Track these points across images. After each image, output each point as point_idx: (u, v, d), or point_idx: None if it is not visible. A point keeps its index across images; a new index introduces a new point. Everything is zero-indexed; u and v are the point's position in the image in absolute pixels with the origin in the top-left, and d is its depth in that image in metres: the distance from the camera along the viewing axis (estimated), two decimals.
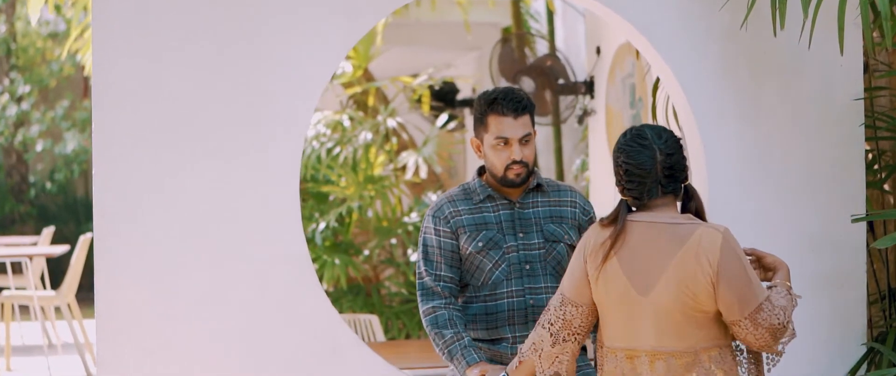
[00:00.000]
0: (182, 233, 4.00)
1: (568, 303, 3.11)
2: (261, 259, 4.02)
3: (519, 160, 3.53)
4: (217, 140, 4.00)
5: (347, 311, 7.38)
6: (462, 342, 3.54)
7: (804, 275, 4.08)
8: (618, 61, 6.54)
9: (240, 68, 4.01)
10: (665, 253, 2.98)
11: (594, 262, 3.07)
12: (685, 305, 2.97)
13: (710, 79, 4.24)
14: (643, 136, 3.04)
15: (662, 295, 2.97)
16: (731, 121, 4.27)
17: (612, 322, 3.07)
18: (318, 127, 7.78)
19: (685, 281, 2.95)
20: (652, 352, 3.00)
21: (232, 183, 4.01)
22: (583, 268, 3.12)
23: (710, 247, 2.94)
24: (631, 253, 3.01)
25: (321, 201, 7.76)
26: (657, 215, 3.03)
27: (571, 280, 3.14)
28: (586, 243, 3.14)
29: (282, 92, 4.03)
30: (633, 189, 3.05)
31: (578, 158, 8.20)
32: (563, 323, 3.10)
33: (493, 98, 3.55)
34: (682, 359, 2.97)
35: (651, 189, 3.02)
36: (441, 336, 3.58)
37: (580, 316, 3.10)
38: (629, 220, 3.03)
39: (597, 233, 3.11)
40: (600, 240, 3.08)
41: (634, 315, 3.02)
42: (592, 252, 3.09)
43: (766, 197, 4.28)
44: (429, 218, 3.70)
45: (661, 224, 3.00)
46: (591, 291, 3.09)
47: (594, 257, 3.07)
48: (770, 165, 4.30)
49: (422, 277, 3.68)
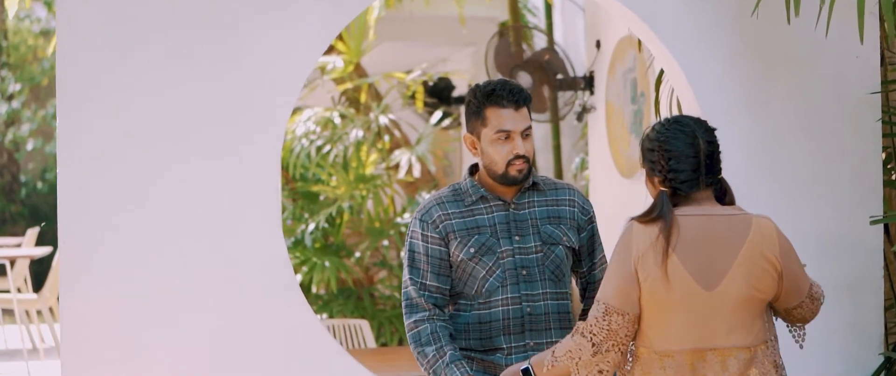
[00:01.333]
0: (152, 236, 3.89)
1: (613, 313, 3.01)
2: (237, 263, 3.91)
3: (522, 155, 3.40)
4: (190, 138, 3.89)
5: (338, 316, 7.32)
6: (444, 359, 3.40)
7: (818, 280, 3.86)
8: (618, 55, 6.39)
9: (214, 61, 3.91)
10: (729, 245, 2.97)
11: (648, 264, 2.99)
12: (752, 297, 3.01)
13: (718, 70, 4.19)
14: (684, 122, 3.06)
15: (732, 289, 2.97)
16: (740, 115, 4.21)
17: (671, 324, 3.01)
18: (308, 124, 7.69)
19: (754, 271, 2.98)
20: (723, 350, 2.99)
21: (206, 183, 3.90)
22: (631, 273, 3.01)
23: (770, 235, 3.01)
24: (690, 248, 2.97)
25: (311, 201, 7.71)
26: (707, 208, 3.02)
27: (616, 287, 3.03)
28: (630, 245, 3.03)
29: (259, 86, 3.92)
30: (682, 173, 3.01)
31: (578, 156, 8.16)
32: (607, 333, 3.02)
33: (492, 89, 3.42)
34: (747, 354, 3.00)
35: (695, 179, 3.02)
36: (424, 354, 3.45)
37: (626, 325, 3.02)
38: (678, 216, 2.99)
39: (642, 232, 3.02)
40: (650, 239, 3.00)
41: (701, 313, 2.99)
42: (643, 254, 3.00)
43: (776, 196, 4.22)
44: (415, 222, 3.54)
45: (716, 216, 3.00)
46: (641, 296, 3.00)
47: (647, 259, 2.99)
48: (780, 163, 4.24)
49: (405, 287, 3.53)
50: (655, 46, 4.28)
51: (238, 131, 3.92)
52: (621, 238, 3.07)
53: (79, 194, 3.86)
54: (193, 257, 3.89)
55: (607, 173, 6.49)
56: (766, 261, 3.00)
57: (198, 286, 3.90)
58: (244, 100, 3.92)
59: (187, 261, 3.89)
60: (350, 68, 8.03)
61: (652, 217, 3.02)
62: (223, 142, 3.91)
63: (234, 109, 3.92)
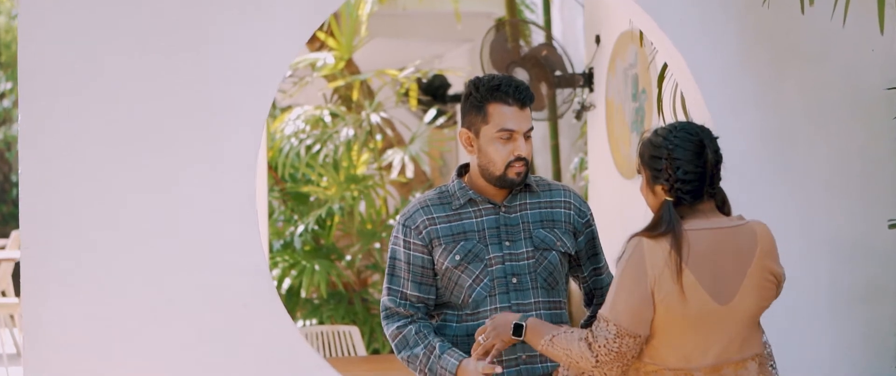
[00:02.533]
0: (120, 241, 3.72)
1: (625, 335, 2.97)
2: (212, 271, 3.75)
3: (523, 157, 3.29)
4: (160, 137, 3.73)
5: (328, 322, 7.28)
6: (435, 353, 3.29)
7: (830, 288, 4.06)
8: (619, 50, 6.28)
9: (186, 55, 3.75)
10: (740, 259, 3.00)
11: (665, 283, 2.96)
12: (761, 309, 3.07)
13: (725, 64, 4.09)
14: (692, 130, 3.05)
15: (745, 303, 3.01)
16: (748, 112, 4.11)
17: (686, 340, 3.01)
18: (298, 122, 7.62)
19: (762, 284, 3.03)
20: (738, 362, 3.03)
21: (178, 185, 3.75)
22: (647, 294, 2.97)
23: (772, 245, 3.07)
24: (702, 262, 2.97)
25: (301, 202, 7.67)
26: (713, 220, 3.03)
27: (630, 308, 2.98)
28: (644, 264, 2.98)
29: (234, 81, 3.77)
30: (689, 182, 3.01)
31: (577, 156, 8.08)
32: (615, 356, 2.99)
33: (497, 84, 3.28)
34: (756, 362, 3.07)
35: (700, 189, 3.03)
36: (414, 357, 3.33)
37: (635, 347, 2.99)
38: (687, 230, 2.98)
39: (654, 249, 2.98)
40: (664, 256, 2.97)
41: (716, 328, 3.01)
42: (661, 273, 2.96)
43: (787, 198, 4.13)
44: (398, 227, 3.40)
45: (725, 228, 3.02)
46: (655, 316, 2.98)
47: (664, 278, 2.96)
48: (791, 163, 4.14)
49: (384, 296, 3.42)
50: (659, 39, 4.17)
51: (212, 129, 3.77)
52: (631, 255, 2.99)
53: (42, 196, 3.70)
54: (164, 264, 3.75)
55: (607, 174, 6.43)
56: (771, 273, 3.05)
57: (169, 295, 3.75)
58: (218, 97, 3.77)
59: (157, 268, 3.74)
60: (341, 65, 7.93)
61: (661, 231, 2.98)
62: (196, 141, 3.76)
63: (207, 106, 3.77)
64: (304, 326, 7.37)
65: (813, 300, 4.08)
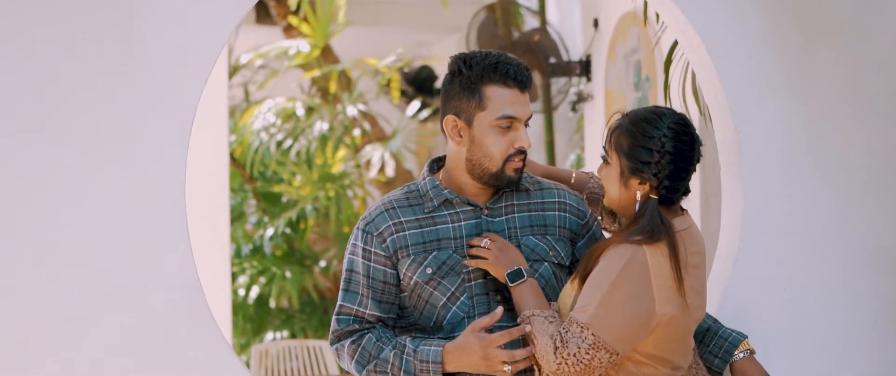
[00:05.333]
0: (27, 252, 3.40)
1: (601, 349, 2.87)
2: (134, 286, 3.41)
3: (524, 149, 3.05)
4: (74, 129, 3.41)
5: (300, 335, 7.17)
6: (408, 349, 3.00)
7: (865, 302, 3.79)
8: (619, 35, 6.26)
9: (106, 35, 3.44)
10: (704, 260, 3.03)
11: (673, 295, 2.91)
12: None
13: (748, 42, 3.82)
14: (687, 122, 2.99)
15: (704, 304, 3.07)
16: (775, 98, 3.83)
17: (684, 343, 3.03)
18: (268, 116, 7.48)
19: None
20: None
21: (96, 186, 3.42)
22: (649, 313, 2.90)
23: None
24: (692, 264, 2.98)
25: (272, 203, 7.54)
26: (685, 219, 3.03)
27: (622, 325, 2.89)
28: (646, 275, 2.89)
29: (161, 61, 3.45)
30: (682, 181, 2.99)
31: (573, 153, 7.97)
32: (583, 367, 2.88)
33: (494, 62, 2.99)
34: None
35: (687, 188, 3.02)
36: (384, 361, 3.01)
37: (608, 364, 2.91)
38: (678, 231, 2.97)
39: (658, 257, 2.90)
40: (667, 264, 2.91)
41: (690, 332, 3.06)
42: (668, 286, 2.91)
43: (819, 197, 3.85)
44: (357, 233, 3.10)
45: (693, 227, 3.02)
46: (653, 332, 2.93)
47: (671, 293, 2.91)
48: (825, 156, 3.86)
49: (337, 314, 3.10)
50: (667, 12, 3.88)
51: (135, 118, 3.43)
52: (628, 265, 2.88)
53: None
54: (73, 278, 3.41)
55: None
56: None
57: (84, 315, 3.41)
58: (145, 80, 3.45)
59: (72, 283, 3.41)
60: (316, 53, 7.78)
61: (657, 235, 2.91)
62: (119, 131, 3.43)
63: (133, 90, 3.45)
64: (275, 340, 7.34)
65: (853, 316, 3.83)
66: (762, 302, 3.65)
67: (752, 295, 3.63)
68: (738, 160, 3.83)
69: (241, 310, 7.26)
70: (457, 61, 3.03)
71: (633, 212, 2.95)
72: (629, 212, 2.97)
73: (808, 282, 3.68)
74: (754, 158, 3.84)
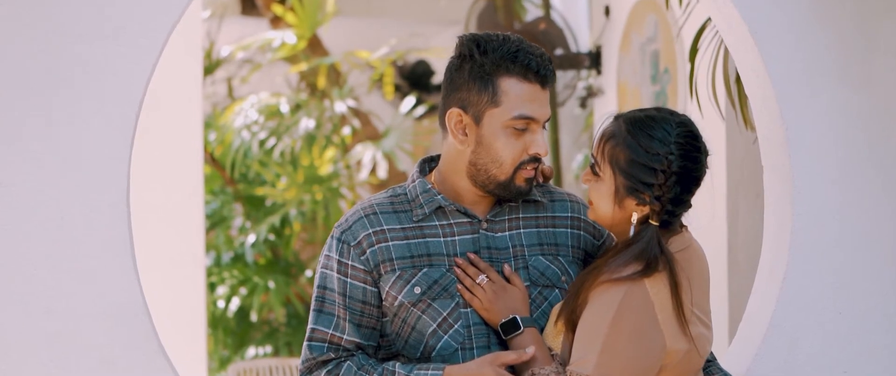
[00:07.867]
0: None
1: None
2: (72, 306, 3.03)
3: (540, 156, 2.77)
4: None
5: (284, 351, 6.93)
6: (400, 374, 2.69)
7: None
8: (634, 23, 6.06)
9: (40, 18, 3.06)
10: (707, 274, 2.84)
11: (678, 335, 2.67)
12: None
13: (798, 24, 3.49)
14: (697, 134, 2.74)
15: (712, 336, 2.91)
16: (829, 87, 3.52)
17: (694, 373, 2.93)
18: (250, 113, 7.19)
19: None
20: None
21: (26, 193, 3.05)
22: (656, 352, 2.65)
23: None
24: (697, 290, 2.77)
25: (255, 207, 7.30)
26: (686, 237, 2.78)
27: (632, 365, 2.65)
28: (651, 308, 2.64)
29: (102, 50, 3.08)
30: (686, 204, 2.74)
31: (580, 153, 7.73)
32: None
33: (513, 50, 2.66)
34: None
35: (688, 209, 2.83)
36: None
37: None
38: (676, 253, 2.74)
39: (661, 291, 2.66)
40: (670, 299, 2.67)
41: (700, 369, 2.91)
42: (673, 324, 2.68)
43: (880, 199, 3.55)
44: (332, 242, 2.76)
45: (698, 246, 2.80)
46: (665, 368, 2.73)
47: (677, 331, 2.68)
48: (885, 159, 3.55)
49: (308, 340, 2.76)
50: None
51: (73, 114, 3.04)
52: (625, 296, 2.62)
53: None
54: (8, 302, 3.04)
55: None
56: None
57: (14, 343, 3.02)
58: (84, 70, 3.07)
59: None
60: (303, 45, 7.54)
61: (654, 266, 2.64)
62: (51, 130, 3.05)
63: (70, 82, 3.07)
64: (257, 357, 7.13)
65: None
66: (813, 325, 3.33)
67: (803, 318, 3.32)
68: (787, 162, 3.50)
69: (220, 324, 7.15)
70: (469, 43, 2.68)
71: (626, 235, 2.69)
72: (621, 234, 2.71)
73: (866, 304, 3.35)
74: (804, 160, 3.52)
